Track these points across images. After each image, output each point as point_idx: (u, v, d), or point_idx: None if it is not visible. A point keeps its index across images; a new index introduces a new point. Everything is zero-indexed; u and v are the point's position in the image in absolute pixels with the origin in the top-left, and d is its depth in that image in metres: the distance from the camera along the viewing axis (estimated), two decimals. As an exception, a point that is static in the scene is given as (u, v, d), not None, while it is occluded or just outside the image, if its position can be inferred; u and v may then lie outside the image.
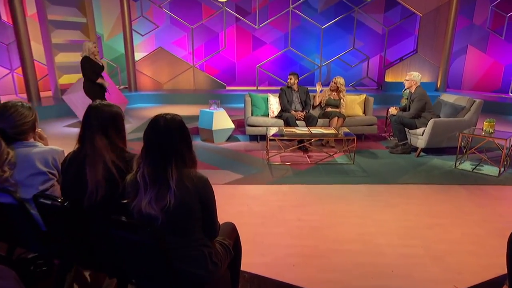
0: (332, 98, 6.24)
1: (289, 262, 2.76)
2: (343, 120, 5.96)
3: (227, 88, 11.37)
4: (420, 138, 5.31)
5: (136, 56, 10.90)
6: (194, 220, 1.65)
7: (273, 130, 5.34)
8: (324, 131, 5.33)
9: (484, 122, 4.75)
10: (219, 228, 1.82)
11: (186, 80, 11.29)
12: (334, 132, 5.32)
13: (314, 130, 5.31)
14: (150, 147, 1.63)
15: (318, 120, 5.99)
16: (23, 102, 2.06)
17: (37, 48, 9.04)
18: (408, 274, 2.61)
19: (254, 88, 11.24)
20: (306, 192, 4.09)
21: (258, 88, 11.29)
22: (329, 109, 6.17)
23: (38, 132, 2.16)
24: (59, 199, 1.79)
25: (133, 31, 10.61)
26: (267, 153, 5.21)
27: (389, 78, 11.06)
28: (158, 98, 10.26)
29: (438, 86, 10.75)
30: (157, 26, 11.49)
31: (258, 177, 4.56)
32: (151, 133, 1.64)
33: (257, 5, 11.06)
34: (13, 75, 9.77)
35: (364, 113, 6.48)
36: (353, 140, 5.06)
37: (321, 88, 6.30)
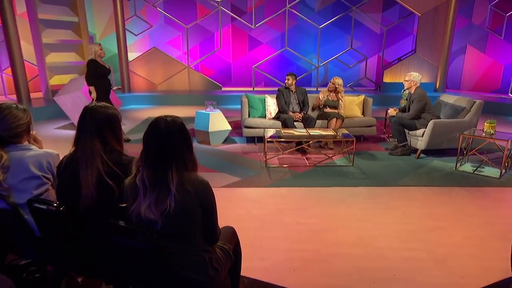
0: (330, 99, 6.26)
1: (289, 266, 2.76)
2: (342, 121, 5.98)
3: (223, 89, 11.37)
4: (420, 139, 5.34)
5: (129, 56, 10.87)
6: (194, 224, 1.64)
7: (270, 132, 5.35)
8: (322, 133, 5.35)
9: (484, 123, 4.79)
10: (220, 233, 1.82)
11: (180, 81, 11.27)
12: (332, 133, 5.34)
13: (312, 132, 5.33)
14: (150, 150, 1.63)
15: (317, 121, 6.00)
16: (18, 104, 2.05)
17: (27, 48, 8.98)
18: (410, 278, 2.62)
19: (251, 89, 11.25)
20: (305, 195, 4.10)
21: (255, 89, 11.30)
22: (328, 109, 6.19)
23: (33, 134, 2.15)
24: (55, 204, 1.78)
25: (126, 31, 10.59)
26: (265, 155, 5.22)
27: (387, 79, 11.12)
28: (152, 99, 10.23)
29: (437, 86, 10.83)
30: (151, 26, 11.47)
31: (256, 179, 4.56)
32: (152, 135, 1.64)
33: (253, 4, 11.09)
34: (2, 76, 9.69)
35: (363, 114, 6.50)
36: (352, 141, 5.07)
37: (324, 98, 6.30)
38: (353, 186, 4.38)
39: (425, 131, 5.25)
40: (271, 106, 6.22)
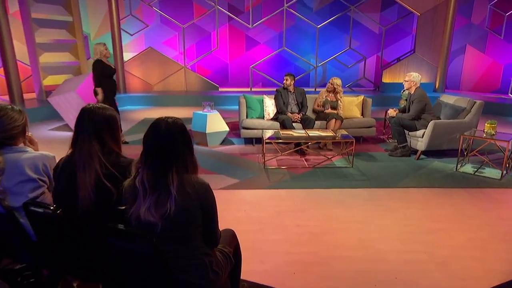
0: (329, 99, 6.28)
1: (289, 269, 2.76)
2: (341, 122, 5.99)
3: (220, 89, 11.38)
4: (420, 140, 5.36)
5: (124, 56, 10.86)
6: (194, 227, 1.64)
7: (269, 133, 5.36)
8: (321, 134, 5.36)
9: (485, 124, 4.81)
10: (220, 236, 1.82)
11: (177, 81, 11.27)
12: (332, 134, 5.35)
13: (311, 133, 5.34)
14: (151, 151, 1.62)
15: (315, 122, 6.02)
16: (13, 105, 2.04)
17: (20, 47, 8.94)
18: (412, 281, 2.63)
19: (248, 89, 11.26)
20: (304, 196, 4.10)
21: (252, 89, 11.31)
22: (329, 110, 6.20)
23: (29, 136, 2.14)
24: (51, 207, 1.77)
25: (121, 31, 10.58)
26: (263, 156, 5.22)
27: (386, 79, 11.17)
28: (148, 100, 10.22)
29: (436, 87, 10.89)
30: (146, 26, 11.46)
31: (254, 181, 4.56)
32: (152, 136, 1.64)
33: (250, 3, 11.10)
34: (-6, 76, 9.65)
35: (362, 115, 6.52)
36: (351, 142, 5.09)
37: (323, 99, 6.32)
38: (352, 187, 4.39)
39: (425, 132, 5.27)
40: (269, 107, 6.23)
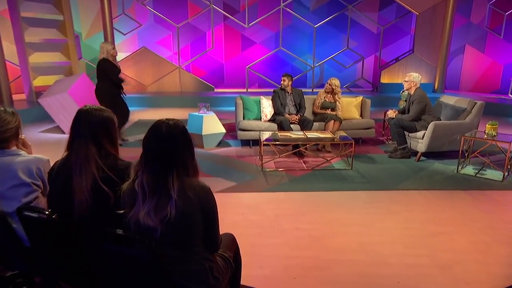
0: (327, 100, 6.30)
1: (289, 274, 2.75)
2: (340, 123, 6.01)
3: (215, 90, 11.37)
4: (420, 141, 5.39)
5: (117, 56, 10.79)
6: (195, 232, 1.64)
7: (266, 135, 5.35)
8: (320, 135, 5.37)
9: (486, 125, 4.85)
10: (221, 241, 1.82)
11: (171, 82, 11.25)
12: (330, 136, 5.36)
13: (310, 134, 5.34)
14: (151, 154, 1.62)
15: (314, 123, 6.03)
16: (6, 107, 2.02)
17: (8, 47, 8.90)
18: (415, 285, 2.64)
19: (244, 90, 11.26)
20: (303, 199, 4.11)
21: (248, 90, 11.32)
22: (328, 111, 6.20)
23: (22, 139, 2.12)
24: (47, 212, 1.75)
25: (114, 30, 10.54)
26: (261, 158, 5.22)
27: (384, 79, 11.23)
28: (142, 101, 10.17)
29: (435, 87, 10.96)
30: (140, 25, 11.44)
31: (252, 184, 4.56)
32: (153, 139, 1.63)
33: (246, 2, 11.13)
34: (-18, 77, 9.56)
35: (361, 116, 6.55)
36: (350, 144, 5.10)
37: (321, 100, 6.33)
38: (352, 190, 4.40)
39: (425, 133, 5.30)
40: (267, 108, 6.23)
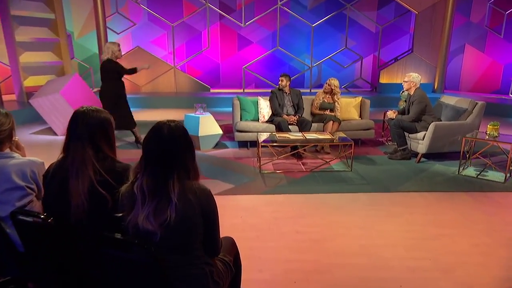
0: (326, 101, 6.31)
1: (289, 278, 2.75)
2: (339, 124, 6.02)
3: (211, 90, 11.36)
4: (420, 142, 5.41)
5: (111, 56, 10.78)
6: (195, 236, 1.63)
7: (264, 136, 5.36)
8: (319, 136, 5.38)
9: (488, 126, 4.88)
10: (222, 245, 1.81)
11: (166, 82, 11.22)
12: (330, 137, 5.37)
13: (308, 135, 5.35)
14: (152, 157, 1.61)
15: (312, 124, 6.04)
16: (-1, 108, 2.01)
17: (-2, 46, 8.87)
18: (417, 288, 2.65)
19: (241, 90, 11.26)
20: (302, 202, 4.11)
21: (245, 90, 11.32)
22: (327, 112, 6.21)
23: (15, 141, 2.10)
24: (42, 216, 1.74)
25: (107, 29, 10.51)
26: (259, 160, 5.22)
27: (383, 79, 11.27)
28: (136, 101, 10.10)
29: (435, 87, 11.01)
30: (134, 24, 11.42)
31: (250, 186, 4.56)
32: (154, 141, 1.62)
33: (242, 1, 11.13)
34: (-29, 77, 9.53)
35: (360, 116, 6.56)
36: (350, 145, 5.11)
37: (320, 101, 6.35)
38: (352, 192, 4.41)
39: (426, 134, 5.32)
40: (264, 108, 6.24)
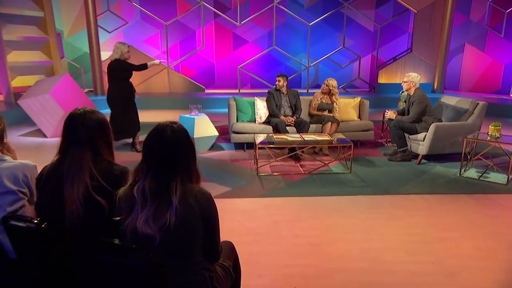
0: (324, 102, 6.32)
1: (289, 283, 2.75)
2: (337, 125, 6.03)
3: (206, 91, 11.35)
4: (421, 144, 5.43)
5: (102, 55, 10.71)
6: (195, 240, 1.62)
7: (261, 137, 5.36)
8: (317, 138, 5.38)
9: (489, 126, 4.91)
10: (222, 250, 1.81)
11: (159, 82, 11.20)
12: (328, 138, 5.38)
13: (306, 137, 5.35)
14: (154, 159, 1.60)
15: (310, 125, 6.04)
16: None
17: (-15, 46, 8.78)
18: (420, 293, 2.66)
19: (236, 91, 11.27)
20: (301, 205, 4.11)
21: (240, 91, 11.33)
22: (326, 112, 6.22)
23: (6, 143, 2.09)
24: (35, 221, 1.72)
25: (98, 28, 10.47)
26: (256, 162, 5.21)
27: (382, 79, 11.32)
28: (128, 102, 10.10)
29: (435, 87, 11.07)
30: (126, 22, 11.40)
31: (247, 189, 4.55)
32: (156, 143, 1.61)
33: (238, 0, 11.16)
34: (-42, 78, 9.42)
35: (359, 117, 6.58)
36: (349, 147, 5.12)
37: (318, 102, 6.36)
38: (352, 194, 4.42)
39: (426, 135, 5.34)
40: (261, 109, 6.24)
